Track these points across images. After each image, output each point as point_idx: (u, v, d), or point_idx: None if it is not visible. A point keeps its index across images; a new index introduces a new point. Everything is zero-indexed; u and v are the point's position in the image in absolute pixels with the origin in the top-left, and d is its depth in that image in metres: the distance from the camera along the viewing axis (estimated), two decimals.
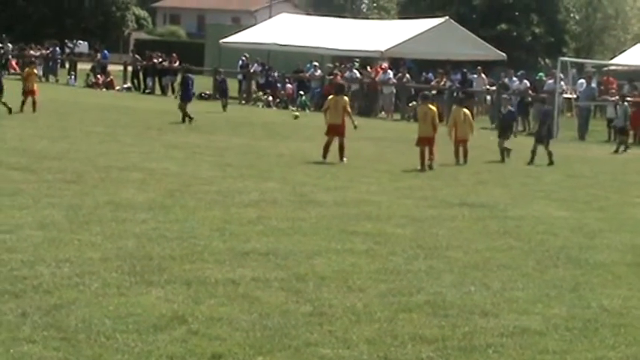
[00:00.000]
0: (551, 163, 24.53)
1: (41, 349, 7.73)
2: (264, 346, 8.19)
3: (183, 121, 30.53)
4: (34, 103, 31.13)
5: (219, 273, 10.65)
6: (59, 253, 11.07)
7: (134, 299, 9.39)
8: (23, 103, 31.00)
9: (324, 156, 22.12)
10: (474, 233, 14.27)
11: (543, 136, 25.24)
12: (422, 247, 12.89)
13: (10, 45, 58.23)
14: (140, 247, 11.71)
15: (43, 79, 53.27)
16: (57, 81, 53.23)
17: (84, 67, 55.80)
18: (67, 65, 56.46)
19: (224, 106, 38.20)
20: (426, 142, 22.38)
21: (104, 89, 49.52)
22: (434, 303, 9.94)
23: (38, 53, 55.86)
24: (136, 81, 50.97)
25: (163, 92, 48.37)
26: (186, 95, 31.66)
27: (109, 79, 50.51)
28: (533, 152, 24.82)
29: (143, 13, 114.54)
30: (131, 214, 13.93)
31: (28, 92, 31.44)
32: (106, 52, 58.50)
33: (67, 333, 8.18)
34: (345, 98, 23.77)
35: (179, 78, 37.33)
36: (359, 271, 11.17)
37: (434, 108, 23.35)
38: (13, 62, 56.50)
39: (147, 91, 49.54)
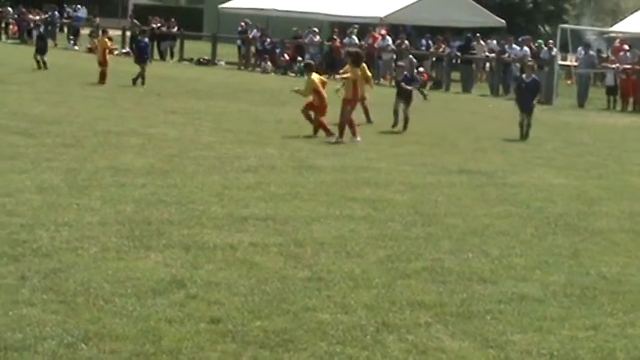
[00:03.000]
0: (526, 135, 22.82)
1: (40, 312, 7.74)
2: (262, 310, 8.20)
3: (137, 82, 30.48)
4: (103, 74, 30.17)
5: (218, 238, 10.65)
6: (58, 217, 11.07)
7: (133, 263, 9.40)
8: (102, 74, 30.11)
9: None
10: (473, 200, 14.28)
11: (530, 106, 23.10)
12: (420, 213, 12.90)
13: (10, 9, 57.99)
14: (139, 212, 11.72)
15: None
16: (56, 45, 53.03)
17: (82, 31, 55.56)
18: (66, 30, 56.26)
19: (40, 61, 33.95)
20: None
21: None
22: (432, 269, 9.95)
23: (37, 17, 55.66)
24: (134, 46, 50.79)
25: (162, 57, 48.23)
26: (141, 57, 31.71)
27: None
28: (522, 125, 22.91)
29: None
30: (130, 178, 13.92)
31: (102, 63, 30.42)
32: (79, 14, 58.48)
33: (66, 296, 8.19)
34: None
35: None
36: (357, 237, 11.18)
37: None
38: (14, 26, 56.30)
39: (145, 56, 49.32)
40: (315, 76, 21.19)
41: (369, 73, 23.70)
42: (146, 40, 34.37)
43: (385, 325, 8.03)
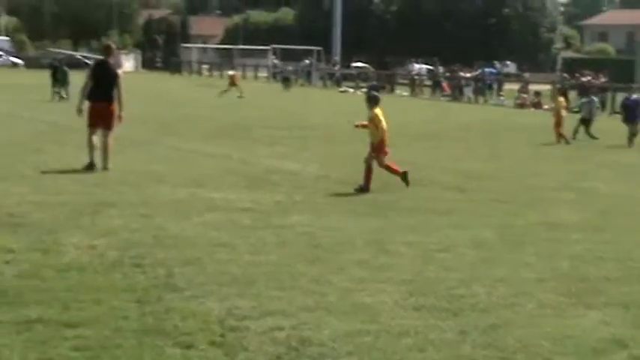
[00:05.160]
0: None
1: None
2: None
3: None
4: (559, 135, 29.17)
5: None
6: (493, 273, 11.10)
7: (571, 321, 9.21)
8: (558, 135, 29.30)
9: None
10: None
11: None
12: None
13: (440, 67, 59.97)
14: (574, 268, 11.50)
15: (473, 100, 54.46)
16: (485, 101, 54.06)
17: (512, 87, 56.28)
18: (496, 85, 57.26)
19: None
20: None
21: (532, 109, 49.50)
22: None
23: (468, 75, 57.05)
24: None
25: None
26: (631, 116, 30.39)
27: (536, 100, 50.36)
28: None
29: (571, 32, 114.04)
30: (564, 234, 13.74)
31: (558, 124, 29.51)
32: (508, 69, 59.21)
33: (506, 353, 8.15)
34: None
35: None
36: None
37: None
38: (444, 84, 58.12)
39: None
40: None
41: None
42: (634, 96, 31.50)
43: None
